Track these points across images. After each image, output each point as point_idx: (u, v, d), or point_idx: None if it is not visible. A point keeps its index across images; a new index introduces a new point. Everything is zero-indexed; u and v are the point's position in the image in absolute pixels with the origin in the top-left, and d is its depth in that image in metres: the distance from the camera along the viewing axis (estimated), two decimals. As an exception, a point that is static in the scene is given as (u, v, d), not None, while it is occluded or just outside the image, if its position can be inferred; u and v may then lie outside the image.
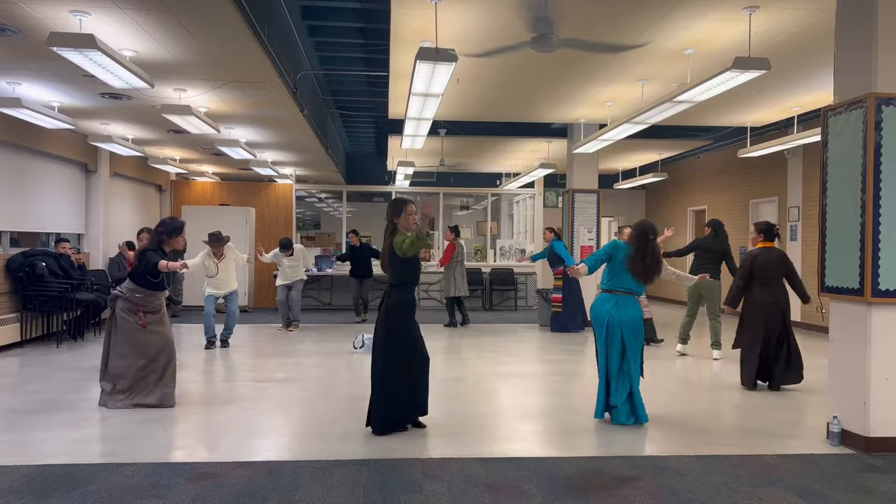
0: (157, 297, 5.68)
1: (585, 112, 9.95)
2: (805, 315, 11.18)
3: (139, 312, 5.56)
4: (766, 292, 6.53)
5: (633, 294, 5.29)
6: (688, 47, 6.73)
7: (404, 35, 6.42)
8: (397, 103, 8.90)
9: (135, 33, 5.60)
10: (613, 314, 5.20)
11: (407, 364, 4.84)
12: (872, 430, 4.46)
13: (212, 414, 5.40)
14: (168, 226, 5.68)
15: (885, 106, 4.41)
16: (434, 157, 13.79)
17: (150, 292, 5.60)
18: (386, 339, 4.82)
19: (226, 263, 8.89)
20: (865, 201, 4.43)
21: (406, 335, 4.87)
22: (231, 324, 8.95)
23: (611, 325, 5.20)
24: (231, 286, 8.97)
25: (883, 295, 4.42)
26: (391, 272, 4.92)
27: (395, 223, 4.89)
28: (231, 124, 9.45)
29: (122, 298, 5.57)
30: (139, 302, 5.57)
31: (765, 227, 6.75)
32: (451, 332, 10.56)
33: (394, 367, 4.80)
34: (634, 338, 5.21)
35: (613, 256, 5.32)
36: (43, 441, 4.56)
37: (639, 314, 5.27)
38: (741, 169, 13.16)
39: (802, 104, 9.29)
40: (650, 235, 5.26)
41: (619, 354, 5.22)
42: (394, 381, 4.79)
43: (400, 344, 4.83)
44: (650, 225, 5.38)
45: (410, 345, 4.87)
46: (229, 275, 8.94)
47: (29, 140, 8.97)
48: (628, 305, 5.23)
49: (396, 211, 4.90)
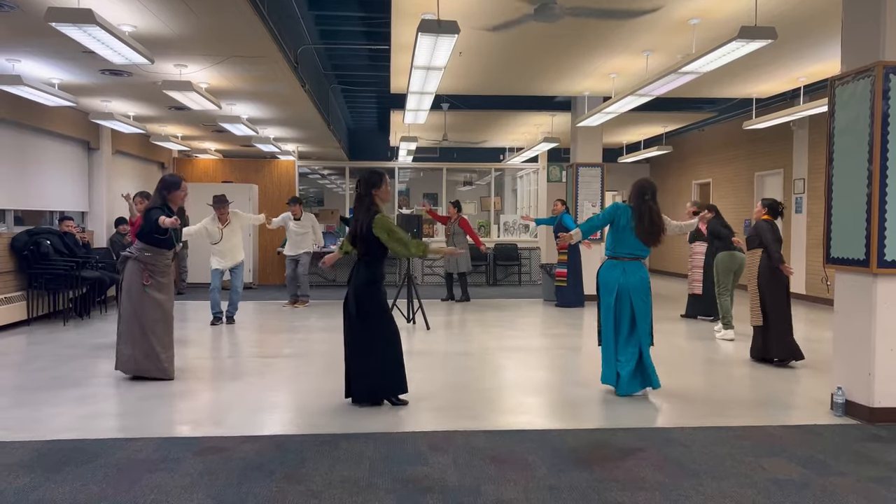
0: (165, 255, 5.72)
1: (589, 85, 9.85)
2: (810, 287, 11.17)
3: (145, 272, 5.63)
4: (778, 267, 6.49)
5: (639, 259, 5.27)
6: (693, 17, 6.64)
7: (406, 7, 6.35)
8: (399, 77, 8.83)
9: (133, 8, 5.54)
10: (622, 280, 5.19)
11: (395, 337, 4.86)
12: (877, 401, 4.47)
13: (219, 389, 5.44)
14: (167, 182, 5.78)
15: (893, 74, 4.35)
16: (437, 132, 13.71)
17: (158, 250, 5.66)
18: (379, 315, 4.83)
19: (231, 230, 8.73)
20: (872, 171, 4.39)
21: (387, 309, 4.90)
22: (235, 300, 8.92)
23: (620, 290, 5.19)
24: (236, 257, 8.83)
25: (889, 266, 4.40)
26: (364, 247, 4.86)
27: (372, 195, 4.83)
28: (232, 100, 9.40)
29: (132, 259, 5.66)
30: (147, 261, 5.64)
31: (770, 203, 6.73)
32: (451, 307, 10.58)
33: (388, 340, 4.82)
34: (643, 302, 5.20)
35: (616, 221, 5.27)
36: (52, 417, 4.60)
37: (646, 277, 5.26)
38: (746, 141, 13.07)
39: (809, 74, 9.18)
40: (646, 195, 5.22)
41: (628, 320, 5.21)
42: (388, 354, 4.81)
43: (388, 318, 4.86)
44: (645, 184, 5.29)
45: (391, 319, 4.89)
46: (234, 243, 8.78)
47: (30, 118, 8.93)
48: (636, 270, 5.22)
49: (375, 183, 4.82)
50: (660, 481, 3.49)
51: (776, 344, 6.39)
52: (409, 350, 7.18)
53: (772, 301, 6.47)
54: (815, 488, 3.42)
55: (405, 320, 8.71)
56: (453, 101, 11.12)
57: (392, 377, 4.86)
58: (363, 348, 4.82)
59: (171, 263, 5.84)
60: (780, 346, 6.36)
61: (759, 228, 6.53)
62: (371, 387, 4.86)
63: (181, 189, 5.78)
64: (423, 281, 14.33)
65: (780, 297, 6.46)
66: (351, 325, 4.86)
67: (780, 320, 6.40)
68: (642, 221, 5.18)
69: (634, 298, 5.18)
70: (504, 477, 3.53)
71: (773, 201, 6.77)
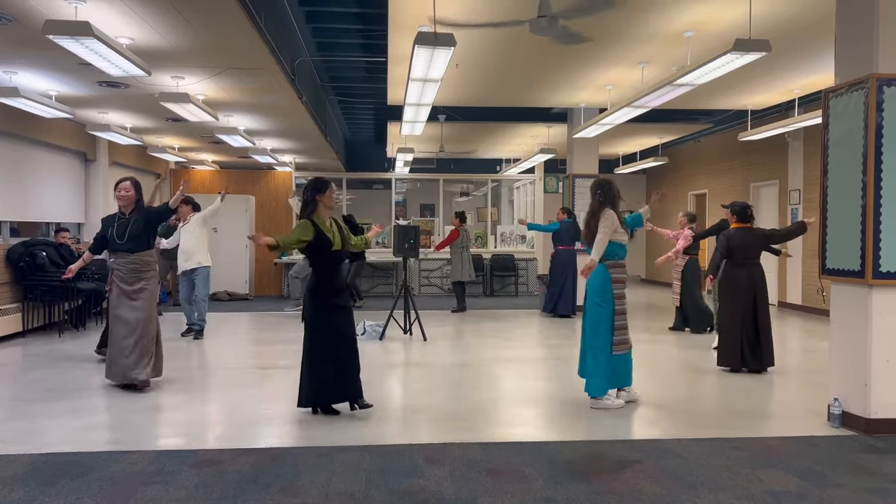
0: (128, 260, 5.67)
1: (585, 96, 9.90)
2: (806, 298, 11.19)
3: (110, 279, 5.78)
4: (743, 273, 6.52)
5: (604, 260, 5.23)
6: (688, 30, 6.68)
7: (403, 20, 6.38)
8: (396, 89, 8.86)
9: (131, 21, 5.57)
10: (588, 283, 5.27)
11: (329, 347, 4.82)
12: (873, 412, 4.47)
13: (214, 401, 5.42)
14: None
15: (886, 87, 4.39)
16: (434, 144, 13.74)
17: (120, 255, 5.71)
18: (308, 323, 4.90)
19: (187, 229, 8.35)
20: (867, 182, 4.42)
21: (323, 319, 4.84)
22: (201, 308, 8.37)
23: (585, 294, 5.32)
24: (193, 260, 8.30)
25: (884, 277, 4.41)
26: (308, 253, 4.90)
27: (316, 201, 4.86)
28: (229, 112, 9.42)
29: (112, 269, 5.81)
30: (111, 266, 5.80)
31: (739, 209, 6.73)
32: (454, 318, 10.57)
33: (317, 350, 4.81)
34: (591, 305, 5.21)
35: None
36: (47, 429, 4.58)
37: (598, 280, 5.20)
38: (742, 152, 13.12)
39: (803, 86, 9.24)
40: (597, 192, 5.36)
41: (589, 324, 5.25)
42: (317, 363, 4.80)
43: (318, 327, 4.84)
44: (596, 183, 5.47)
45: (329, 328, 4.84)
46: (191, 244, 8.31)
47: (27, 130, 8.94)
48: (596, 273, 5.22)
49: (320, 188, 4.86)
50: (657, 493, 3.48)
51: (721, 350, 6.56)
52: (406, 361, 7.18)
53: (722, 309, 6.62)
54: (812, 500, 3.41)
55: (402, 331, 8.70)
56: (450, 112, 11.15)
57: (320, 388, 4.84)
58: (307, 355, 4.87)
59: (140, 269, 5.71)
60: (724, 353, 6.52)
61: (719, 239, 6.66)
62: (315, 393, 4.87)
63: (117, 190, 5.81)
64: (420, 292, 14.33)
65: (732, 305, 6.50)
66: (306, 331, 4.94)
67: (731, 329, 6.46)
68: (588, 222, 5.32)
69: (587, 301, 5.24)
70: (501, 489, 3.52)
71: (741, 206, 6.76)
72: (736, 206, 6.81)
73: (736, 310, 6.47)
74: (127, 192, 5.77)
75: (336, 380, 4.84)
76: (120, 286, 5.68)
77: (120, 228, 5.68)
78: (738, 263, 6.54)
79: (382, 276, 14.18)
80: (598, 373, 5.16)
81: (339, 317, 4.88)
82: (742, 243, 6.54)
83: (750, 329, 6.43)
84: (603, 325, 5.16)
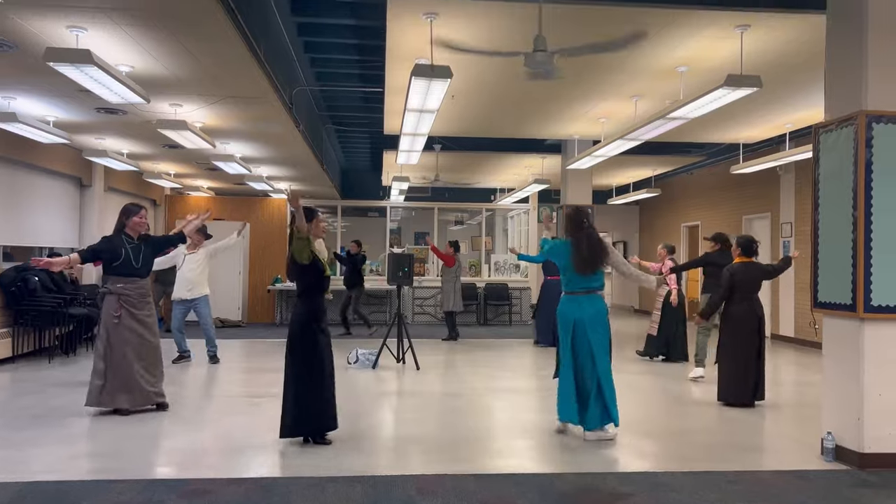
0: (138, 285, 5.78)
1: (579, 128, 10.00)
2: (798, 331, 11.21)
3: (119, 304, 5.71)
4: (746, 307, 6.49)
5: (594, 291, 5.23)
6: (681, 65, 6.79)
7: (400, 52, 6.47)
8: (393, 119, 8.94)
9: (131, 49, 5.63)
10: (577, 315, 5.18)
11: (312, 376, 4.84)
12: (867, 446, 4.46)
13: (203, 429, 5.37)
14: (126, 209, 5.98)
15: (875, 123, 4.46)
16: (429, 173, 13.82)
17: (129, 279, 5.74)
18: (292, 351, 4.87)
19: (194, 258, 8.43)
20: (857, 217, 4.47)
21: (308, 347, 4.86)
22: (210, 335, 8.57)
23: (577, 325, 5.18)
24: (195, 289, 8.42)
25: (875, 311, 4.44)
26: (295, 280, 4.96)
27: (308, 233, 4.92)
28: (226, 139, 9.47)
29: (108, 293, 5.76)
30: (120, 292, 5.73)
31: (744, 242, 6.71)
32: (447, 347, 10.54)
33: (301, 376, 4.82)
34: (600, 335, 5.16)
35: (558, 261, 5.29)
36: (34, 457, 4.53)
37: (602, 309, 5.21)
38: (734, 185, 13.24)
39: (794, 121, 9.36)
40: (584, 221, 5.22)
41: (587, 356, 5.17)
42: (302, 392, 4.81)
43: (304, 355, 4.84)
44: (578, 211, 5.31)
45: (313, 357, 4.86)
46: (196, 273, 8.42)
47: (23, 154, 8.96)
48: (592, 303, 5.19)
49: (309, 218, 4.92)
50: (650, 527, 3.45)
51: (721, 384, 6.50)
52: (399, 391, 7.14)
53: (723, 342, 6.57)
54: (806, 535, 3.39)
55: (395, 360, 8.66)
56: (446, 142, 11.25)
57: (318, 415, 4.85)
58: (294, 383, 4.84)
59: (147, 294, 5.89)
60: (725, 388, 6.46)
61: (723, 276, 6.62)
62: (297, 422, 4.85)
63: (138, 216, 5.91)
64: (414, 320, 14.29)
65: (736, 340, 6.46)
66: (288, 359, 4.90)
67: (734, 363, 6.42)
68: (580, 251, 5.16)
69: (590, 332, 5.15)
70: (493, 522, 3.48)
71: (746, 239, 6.73)
72: (742, 239, 6.76)
73: (737, 344, 6.44)
74: (144, 219, 5.98)
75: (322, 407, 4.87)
76: (130, 311, 5.74)
77: (134, 253, 5.78)
78: (742, 298, 6.51)
79: (376, 303, 14.15)
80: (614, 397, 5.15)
81: (324, 344, 4.95)
82: (746, 278, 6.53)
83: (752, 363, 6.41)
84: (607, 351, 5.21)
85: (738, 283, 6.52)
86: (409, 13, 5.55)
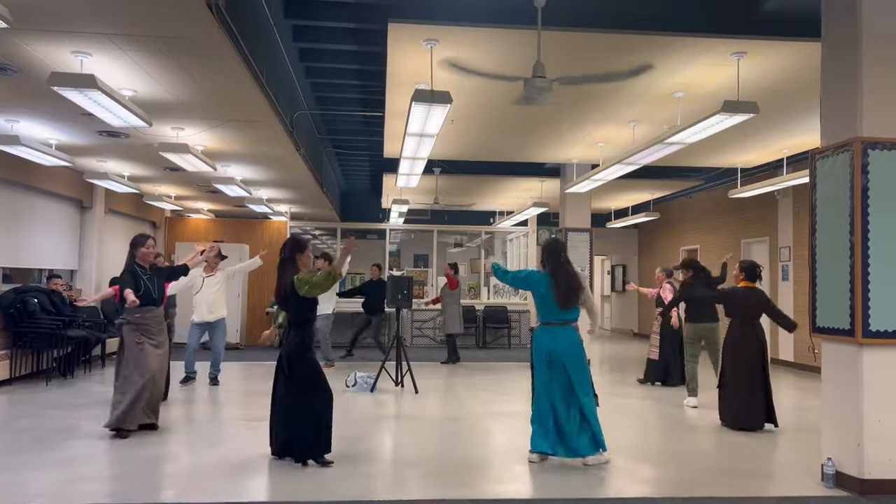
0: (154, 313, 6.00)
1: (578, 153, 10.07)
2: (798, 355, 11.19)
3: (139, 333, 5.87)
4: (749, 331, 6.51)
5: (568, 323, 5.19)
6: (678, 90, 6.86)
7: (400, 77, 6.54)
8: (393, 142, 9.01)
9: (134, 73, 5.69)
10: (552, 346, 5.13)
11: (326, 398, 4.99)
12: (867, 472, 4.44)
13: (202, 453, 5.34)
14: (134, 240, 6.08)
15: (871, 150, 4.50)
16: (428, 195, 13.89)
17: (146, 308, 5.89)
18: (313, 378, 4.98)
19: (213, 280, 8.59)
20: (854, 242, 4.49)
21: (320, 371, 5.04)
22: (216, 359, 8.69)
23: (552, 357, 5.13)
24: (215, 311, 8.61)
25: (874, 336, 4.45)
26: (292, 310, 5.02)
27: (295, 259, 5.03)
28: (227, 162, 9.53)
29: (125, 324, 5.90)
30: (138, 322, 5.88)
31: (747, 267, 6.71)
32: (446, 370, 10.51)
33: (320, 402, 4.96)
34: (576, 366, 5.11)
35: (535, 291, 5.26)
36: (32, 481, 4.50)
37: (576, 341, 5.17)
38: (732, 209, 13.30)
39: (791, 146, 9.44)
40: (561, 254, 5.22)
41: (564, 386, 5.12)
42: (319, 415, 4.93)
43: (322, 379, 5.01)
44: (557, 243, 5.31)
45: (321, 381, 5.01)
46: (215, 295, 8.59)
47: (25, 177, 9.01)
48: (566, 335, 5.15)
49: (300, 248, 5.05)
50: (650, 554, 3.43)
51: (728, 409, 6.48)
52: (397, 414, 7.11)
53: (730, 366, 6.54)
54: (807, 563, 3.36)
55: (393, 383, 8.64)
56: (445, 165, 11.32)
57: (321, 439, 4.93)
58: (295, 409, 4.92)
59: (161, 321, 6.11)
60: (730, 412, 6.45)
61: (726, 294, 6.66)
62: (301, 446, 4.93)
63: (146, 246, 6.00)
64: (413, 343, 14.26)
65: (739, 364, 6.45)
66: (286, 385, 4.99)
67: (735, 387, 6.42)
68: (559, 285, 5.13)
69: (567, 363, 5.10)
70: (492, 548, 3.46)
71: (750, 264, 6.73)
72: (745, 263, 6.75)
73: (741, 369, 6.43)
74: (152, 248, 6.09)
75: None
76: (149, 340, 5.91)
77: (150, 284, 5.96)
78: (744, 323, 6.53)
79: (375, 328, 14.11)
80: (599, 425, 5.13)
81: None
82: (748, 303, 6.55)
83: (758, 387, 6.40)
84: (587, 381, 5.17)
85: (741, 308, 6.54)
86: (409, 40, 5.63)
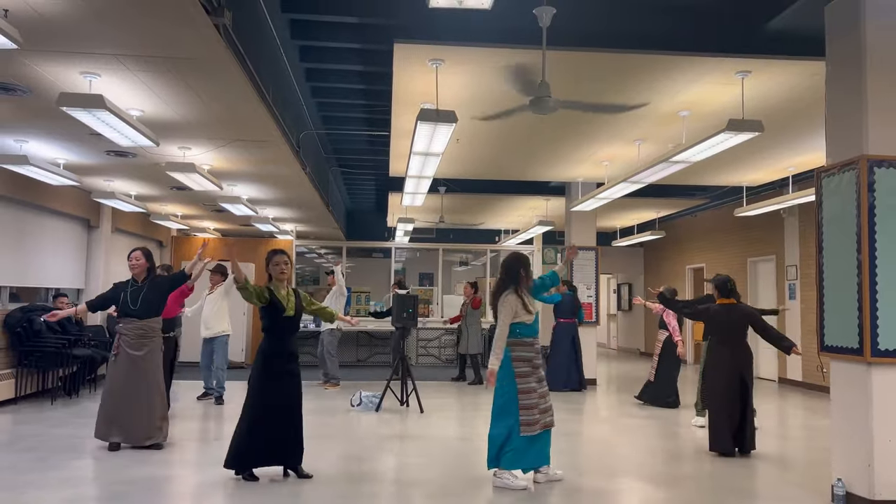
0: (132, 323, 5.99)
1: (583, 171, 10.09)
2: (806, 374, 11.11)
3: (116, 343, 5.99)
4: (726, 352, 6.24)
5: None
6: (683, 109, 6.88)
7: (406, 97, 6.58)
8: (398, 161, 9.04)
9: (142, 93, 5.74)
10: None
11: (267, 412, 5.02)
12: (877, 493, 4.39)
13: (205, 472, 5.31)
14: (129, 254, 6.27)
15: (876, 167, 4.50)
16: (434, 214, 13.91)
17: (127, 319, 6.00)
18: (252, 384, 5.10)
19: (213, 297, 8.82)
20: (861, 261, 4.47)
21: (269, 384, 5.06)
22: (219, 378, 8.70)
23: None
24: (215, 327, 8.75)
25: (883, 355, 4.41)
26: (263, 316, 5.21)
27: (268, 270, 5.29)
28: (234, 181, 9.58)
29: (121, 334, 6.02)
30: (119, 331, 6.02)
31: (719, 283, 6.40)
32: (452, 389, 10.45)
33: (249, 412, 5.04)
34: (497, 384, 5.16)
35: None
36: (36, 500, 4.47)
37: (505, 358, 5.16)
38: (738, 227, 13.27)
39: (797, 164, 9.43)
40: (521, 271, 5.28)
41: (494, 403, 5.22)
42: (252, 426, 5.00)
43: (262, 391, 5.05)
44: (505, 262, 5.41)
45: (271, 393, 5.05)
46: (214, 312, 8.78)
47: (32, 196, 9.06)
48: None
49: (268, 259, 5.31)
50: (659, 577, 3.38)
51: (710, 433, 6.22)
52: (402, 434, 7.07)
53: (710, 389, 6.38)
54: (818, 586, 3.31)
55: (399, 403, 8.59)
56: (450, 184, 11.35)
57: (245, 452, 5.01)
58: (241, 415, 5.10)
59: (146, 335, 6.03)
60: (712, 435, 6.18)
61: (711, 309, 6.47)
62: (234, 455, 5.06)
63: (130, 259, 6.16)
64: (418, 362, 14.21)
65: (719, 385, 6.22)
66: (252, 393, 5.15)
67: (717, 410, 6.16)
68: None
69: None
70: (498, 570, 3.42)
71: (720, 279, 6.43)
72: (716, 279, 6.47)
73: (716, 391, 6.22)
74: (138, 260, 6.16)
75: (265, 444, 5.02)
76: (127, 351, 5.94)
77: (133, 295, 6.02)
78: (722, 341, 6.30)
79: (380, 345, 14.09)
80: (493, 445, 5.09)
81: (284, 382, 5.12)
82: (725, 319, 6.29)
83: (736, 410, 6.14)
84: (509, 405, 5.06)
85: (717, 325, 6.35)
86: (415, 60, 5.67)
